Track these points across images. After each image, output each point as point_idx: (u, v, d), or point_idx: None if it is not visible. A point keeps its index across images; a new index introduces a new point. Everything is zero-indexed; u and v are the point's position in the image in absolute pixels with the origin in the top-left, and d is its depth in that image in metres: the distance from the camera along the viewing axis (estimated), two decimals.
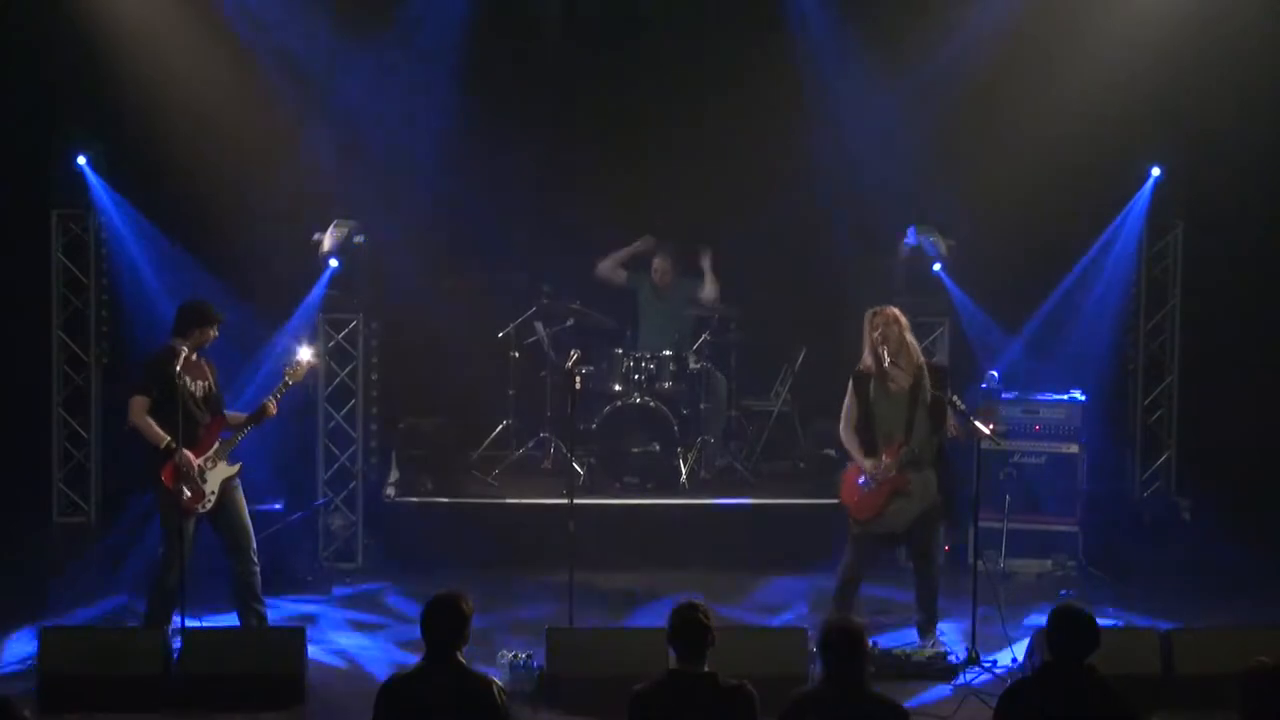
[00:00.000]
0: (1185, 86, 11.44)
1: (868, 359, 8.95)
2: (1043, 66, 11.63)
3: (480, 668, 6.33)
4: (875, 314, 8.94)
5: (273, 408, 8.82)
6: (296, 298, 10.95)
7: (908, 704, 8.07)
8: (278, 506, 10.52)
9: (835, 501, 9.26)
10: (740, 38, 12.20)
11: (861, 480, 8.92)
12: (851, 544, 9.03)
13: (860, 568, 9.05)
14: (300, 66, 11.60)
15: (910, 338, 9.02)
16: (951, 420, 8.94)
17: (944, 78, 11.72)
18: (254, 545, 8.91)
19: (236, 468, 8.82)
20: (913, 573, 9.16)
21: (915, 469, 8.86)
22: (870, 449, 8.91)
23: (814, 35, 12.06)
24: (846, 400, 9.03)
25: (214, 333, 8.82)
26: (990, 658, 8.76)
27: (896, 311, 8.97)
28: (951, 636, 9.17)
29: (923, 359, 9.06)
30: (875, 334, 8.85)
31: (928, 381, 8.87)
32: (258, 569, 8.92)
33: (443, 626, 6.00)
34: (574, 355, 11.65)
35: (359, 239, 10.98)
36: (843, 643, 5.89)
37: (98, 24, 11.25)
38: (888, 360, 8.82)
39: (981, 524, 9.44)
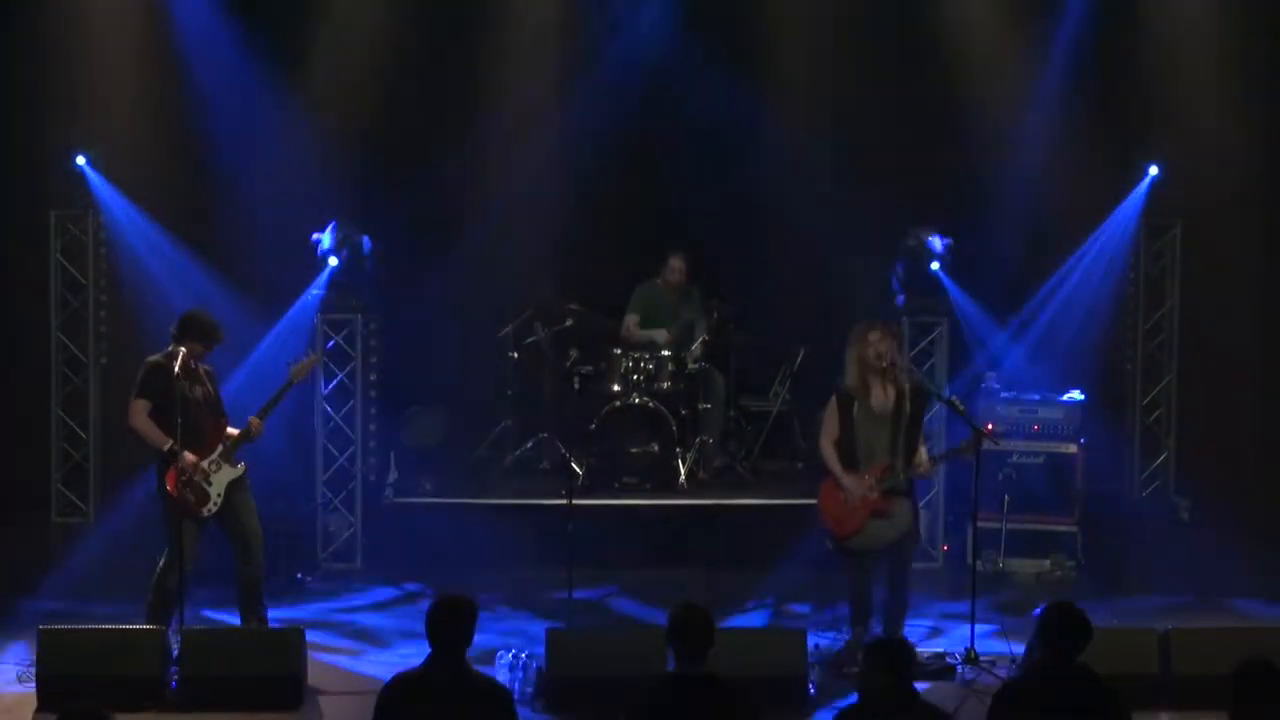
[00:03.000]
0: (1185, 86, 11.45)
1: (852, 377, 8.84)
2: (1042, 64, 11.64)
3: (480, 668, 6.34)
4: (868, 329, 8.78)
5: (258, 426, 8.79)
6: (294, 296, 10.96)
7: None
8: (276, 508, 10.51)
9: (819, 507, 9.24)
10: (736, 37, 12.20)
11: (843, 496, 8.83)
12: (850, 564, 8.96)
13: (866, 581, 8.98)
14: (299, 64, 11.63)
15: (900, 354, 8.95)
16: (923, 456, 8.86)
17: (943, 76, 11.74)
18: (262, 547, 8.91)
19: (241, 470, 8.82)
20: (886, 584, 9.00)
21: (896, 493, 8.80)
22: (850, 467, 8.80)
23: (810, 34, 12.09)
24: (827, 416, 8.89)
25: (201, 350, 8.80)
26: (988, 657, 8.76)
27: (889, 327, 8.88)
28: (950, 636, 9.18)
29: (906, 379, 8.94)
30: (869, 350, 8.75)
31: (909, 402, 8.78)
32: (263, 571, 8.93)
33: (447, 627, 6.00)
34: (573, 356, 11.73)
35: (359, 239, 10.98)
36: (890, 656, 5.86)
37: (97, 24, 11.26)
38: (886, 362, 8.75)
39: (980, 524, 9.45)
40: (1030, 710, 5.96)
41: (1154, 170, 11.50)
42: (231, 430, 8.87)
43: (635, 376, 11.45)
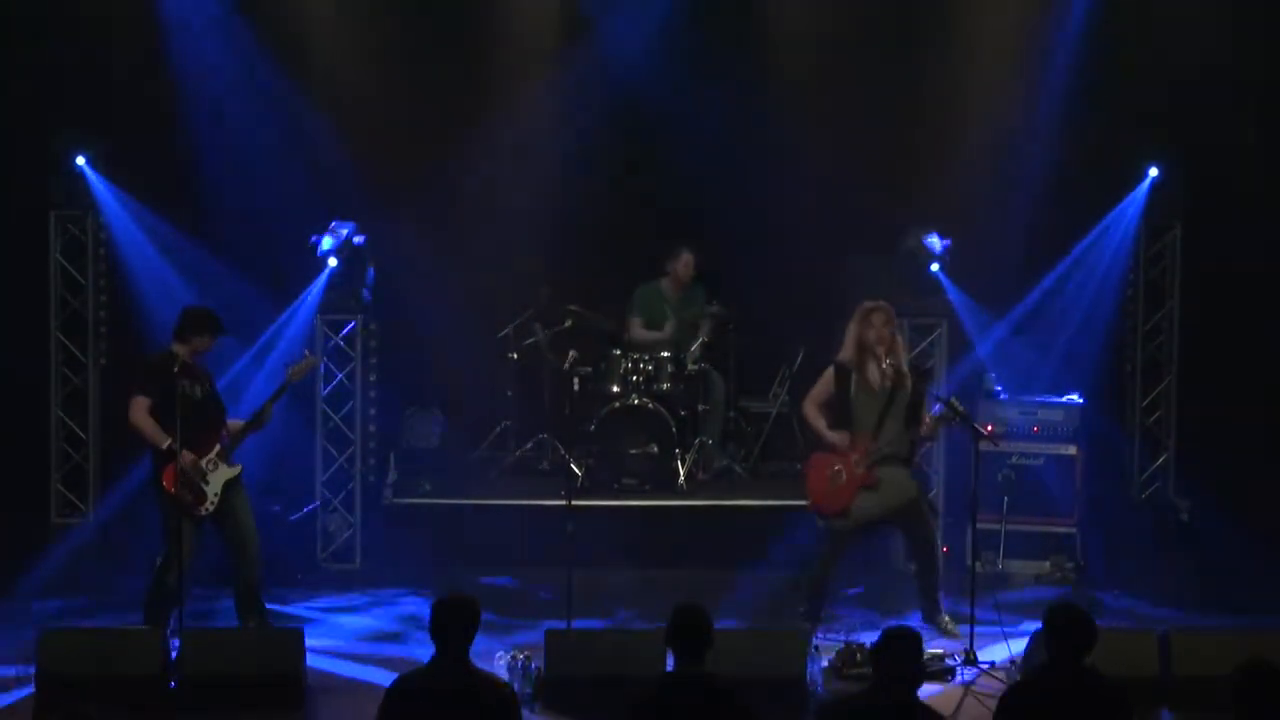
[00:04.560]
0: (1185, 86, 11.45)
1: (850, 352, 8.98)
2: (1042, 65, 11.64)
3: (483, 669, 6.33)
4: (872, 310, 8.96)
5: (268, 412, 8.83)
6: (295, 295, 10.97)
7: None
8: (275, 508, 10.53)
9: (806, 487, 9.28)
10: (736, 37, 12.20)
11: (830, 473, 8.95)
12: (827, 540, 9.07)
13: (834, 566, 9.12)
14: (301, 64, 11.64)
15: (899, 338, 9.09)
16: (926, 417, 8.96)
17: (942, 75, 11.74)
18: (258, 547, 8.93)
19: (238, 470, 8.84)
20: (913, 566, 9.20)
21: (884, 464, 8.88)
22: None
23: (811, 33, 12.09)
24: (820, 384, 9.11)
25: (210, 343, 8.84)
26: (988, 659, 8.76)
27: (891, 310, 9.03)
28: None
29: (904, 360, 9.09)
30: (870, 331, 8.89)
31: (909, 383, 8.91)
32: (260, 571, 8.93)
33: (452, 627, 6.00)
34: (572, 356, 11.72)
35: (358, 240, 10.98)
36: (901, 647, 5.84)
37: (96, 23, 11.27)
38: (885, 361, 8.86)
39: (980, 525, 9.44)
40: (1037, 712, 5.96)
41: (1154, 171, 11.50)
42: (235, 421, 8.88)
43: (635, 377, 11.44)
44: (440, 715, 5.89)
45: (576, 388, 11.69)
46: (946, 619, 9.09)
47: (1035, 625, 8.36)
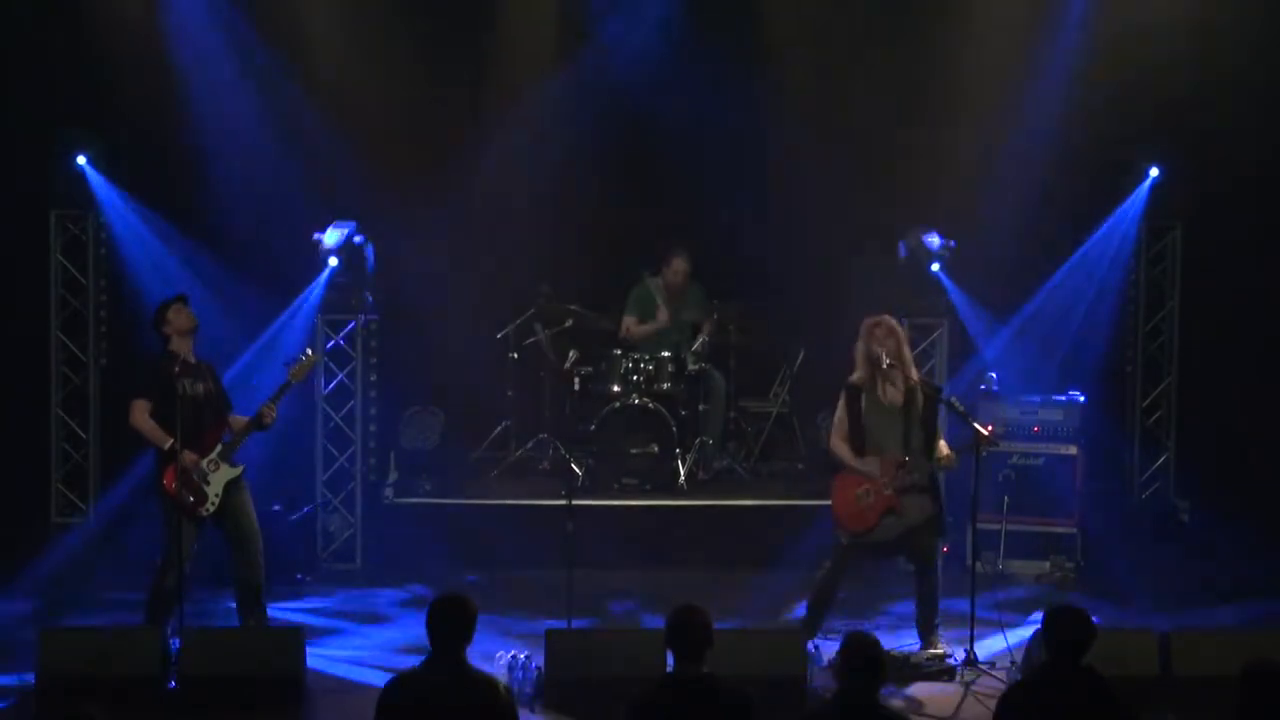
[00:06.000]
0: (1185, 86, 11.46)
1: (861, 372, 8.90)
2: (1042, 65, 11.65)
3: (479, 668, 6.33)
4: (875, 324, 8.87)
5: (271, 413, 8.83)
6: (295, 295, 10.97)
7: (906, 705, 8.15)
8: (276, 508, 10.53)
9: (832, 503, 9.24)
10: (737, 38, 12.20)
11: (859, 492, 8.84)
12: (837, 554, 8.99)
13: (841, 580, 9.04)
14: (302, 64, 11.65)
15: (907, 350, 8.99)
16: (944, 448, 8.89)
17: (942, 75, 11.74)
18: (259, 547, 8.92)
19: (239, 470, 8.83)
20: (914, 578, 9.13)
21: (912, 491, 8.80)
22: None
23: (812, 34, 12.09)
24: (838, 413, 8.98)
25: (186, 314, 8.85)
26: (987, 659, 8.76)
27: (894, 323, 8.95)
28: (949, 638, 9.17)
29: (916, 375, 9.03)
30: (875, 345, 8.81)
31: (920, 398, 8.83)
32: (262, 571, 8.93)
33: (448, 627, 6.00)
34: (573, 356, 11.72)
35: (358, 239, 10.99)
36: (860, 659, 5.85)
37: (97, 23, 11.28)
38: (886, 364, 8.80)
39: (980, 525, 9.44)
40: (1037, 712, 5.96)
41: (1154, 171, 11.51)
42: (238, 417, 8.88)
43: (635, 377, 11.45)
44: (435, 714, 5.90)
45: (576, 388, 11.69)
46: (937, 643, 9.00)
47: (1035, 625, 8.41)
